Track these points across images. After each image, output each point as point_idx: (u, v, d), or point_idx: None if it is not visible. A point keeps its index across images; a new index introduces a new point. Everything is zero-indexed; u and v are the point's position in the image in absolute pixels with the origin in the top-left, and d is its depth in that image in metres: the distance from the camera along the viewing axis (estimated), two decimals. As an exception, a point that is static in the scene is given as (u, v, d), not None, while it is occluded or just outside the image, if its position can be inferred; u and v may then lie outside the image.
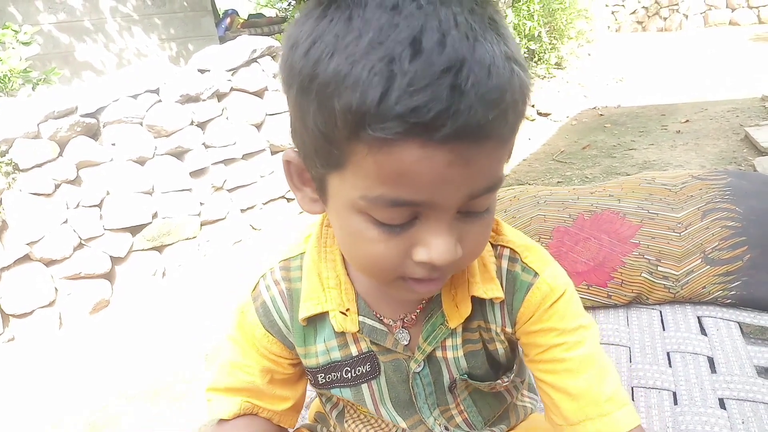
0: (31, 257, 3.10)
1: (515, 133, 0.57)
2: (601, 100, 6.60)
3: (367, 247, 0.60)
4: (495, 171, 0.57)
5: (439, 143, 0.50)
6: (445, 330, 0.76)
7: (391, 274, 0.62)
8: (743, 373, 1.17)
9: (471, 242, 0.61)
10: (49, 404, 2.53)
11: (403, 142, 0.50)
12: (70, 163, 3.26)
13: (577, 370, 0.73)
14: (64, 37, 5.57)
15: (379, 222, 0.57)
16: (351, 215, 0.59)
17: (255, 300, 0.80)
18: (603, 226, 1.47)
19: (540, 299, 0.74)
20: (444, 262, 0.58)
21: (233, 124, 3.99)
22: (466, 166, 0.52)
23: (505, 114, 0.52)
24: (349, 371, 0.78)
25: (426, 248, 0.58)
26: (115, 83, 3.60)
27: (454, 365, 0.78)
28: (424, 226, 0.57)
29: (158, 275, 3.59)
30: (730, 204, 1.43)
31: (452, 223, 0.58)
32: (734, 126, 4.79)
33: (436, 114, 0.48)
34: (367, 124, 0.50)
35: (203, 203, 3.82)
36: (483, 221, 0.61)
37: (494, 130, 0.52)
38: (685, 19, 10.70)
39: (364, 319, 0.75)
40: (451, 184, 0.53)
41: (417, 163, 0.51)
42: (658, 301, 1.43)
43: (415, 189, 0.53)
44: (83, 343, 3.02)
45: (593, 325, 0.77)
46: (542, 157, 4.91)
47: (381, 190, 0.54)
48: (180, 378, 2.57)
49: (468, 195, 0.56)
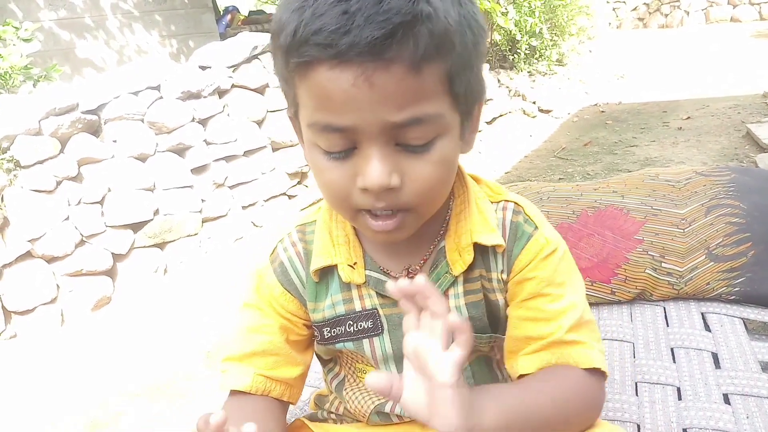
0: (32, 254, 3.10)
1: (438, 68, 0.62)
2: (603, 97, 6.60)
3: (323, 177, 0.69)
4: (414, 100, 0.62)
5: (342, 63, 0.59)
6: (449, 278, 0.80)
7: (347, 204, 0.69)
8: (747, 368, 1.17)
9: (417, 179, 0.66)
10: (50, 402, 2.53)
11: (316, 64, 0.60)
12: (72, 160, 3.26)
13: (553, 318, 0.78)
14: (65, 34, 5.57)
15: (325, 151, 0.67)
16: (310, 148, 0.69)
17: (273, 262, 0.85)
18: (607, 222, 1.47)
19: (537, 249, 0.79)
20: (374, 185, 0.64)
21: (234, 121, 3.98)
22: (371, 87, 0.59)
23: (399, 36, 0.58)
24: (351, 325, 0.83)
25: (362, 175, 0.65)
26: (116, 80, 3.60)
27: (456, 315, 0.79)
28: (360, 154, 0.65)
29: (159, 272, 3.59)
30: (734, 200, 1.43)
31: (386, 153, 0.64)
32: (736, 123, 4.79)
33: (329, 32, 0.58)
34: (291, 54, 0.62)
35: (204, 200, 3.82)
36: (427, 160, 0.66)
37: (390, 51, 0.58)
38: (686, 16, 10.69)
39: (370, 272, 0.81)
40: (361, 106, 0.61)
41: (328, 84, 0.60)
42: (662, 298, 1.43)
43: (335, 111, 0.62)
44: (85, 340, 3.02)
45: (580, 284, 0.82)
46: (543, 154, 4.91)
47: (316, 116, 0.64)
48: (181, 375, 2.57)
49: (386, 120, 0.62)
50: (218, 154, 3.89)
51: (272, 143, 4.20)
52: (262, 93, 4.16)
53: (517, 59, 6.52)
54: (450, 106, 0.66)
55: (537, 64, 6.76)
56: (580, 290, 0.82)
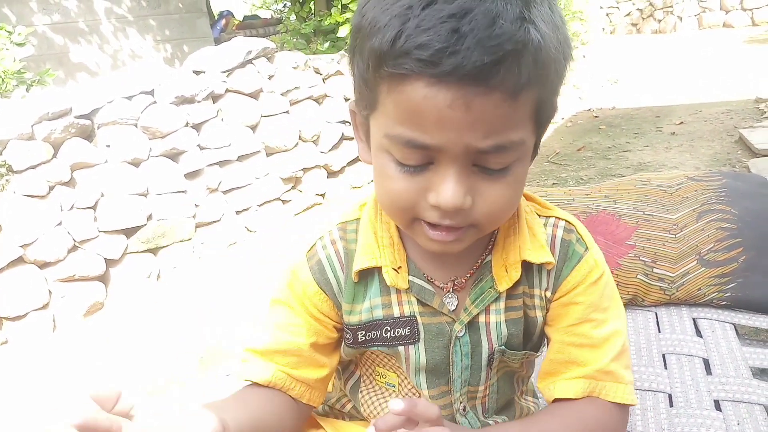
0: (24, 259, 3.08)
1: (532, 95, 0.61)
2: (596, 102, 6.62)
3: (389, 184, 0.67)
4: (504, 127, 0.61)
5: (441, 82, 0.57)
6: (493, 293, 0.79)
7: (407, 213, 0.68)
8: (738, 374, 1.17)
9: (488, 200, 0.66)
10: (42, 408, 2.51)
11: (412, 79, 0.58)
12: (65, 165, 3.24)
13: (599, 345, 0.79)
14: (59, 39, 5.56)
15: (399, 162, 0.65)
16: (379, 154, 0.68)
17: (310, 259, 0.83)
18: (599, 227, 1.47)
19: (587, 272, 0.79)
20: (449, 206, 0.63)
21: (228, 126, 3.98)
22: (467, 110, 0.58)
23: (506, 63, 0.56)
24: (389, 331, 0.81)
25: (435, 192, 0.64)
26: (109, 84, 3.58)
27: (495, 332, 0.81)
28: (437, 171, 0.64)
29: (153, 277, 3.58)
30: (726, 205, 1.43)
31: (463, 173, 0.63)
32: (728, 128, 4.81)
33: (435, 51, 0.55)
34: (385, 61, 0.59)
35: (198, 205, 3.81)
36: (502, 183, 0.65)
37: (495, 78, 0.56)
38: (679, 21, 10.75)
39: (413, 278, 0.80)
40: (453, 127, 0.59)
41: (423, 101, 0.58)
42: (653, 303, 1.43)
43: (423, 129, 0.60)
44: (77, 346, 3.00)
45: (621, 307, 0.83)
46: (537, 159, 4.90)
47: (398, 129, 0.62)
48: (174, 381, 2.55)
49: (472, 144, 0.60)
50: (212, 159, 3.88)
51: (266, 148, 4.19)
52: (256, 98, 4.16)
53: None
54: (532, 132, 0.66)
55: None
56: (623, 315, 0.83)
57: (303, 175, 4.41)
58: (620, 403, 0.79)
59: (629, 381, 0.80)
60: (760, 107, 5.17)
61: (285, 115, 4.28)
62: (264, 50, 4.25)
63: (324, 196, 4.59)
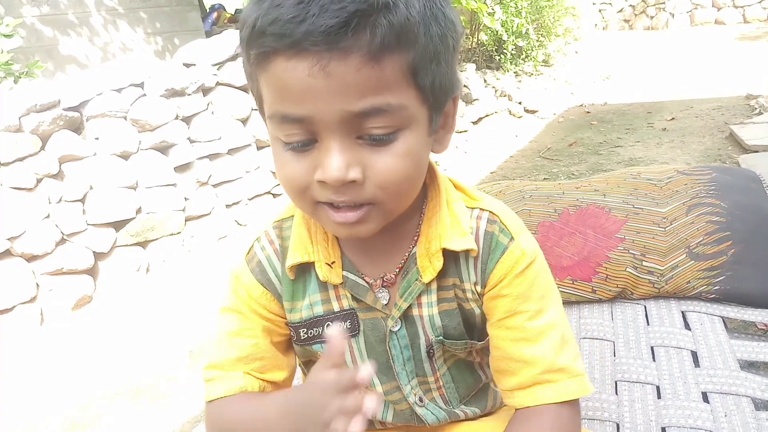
0: (12, 252, 3.05)
1: (400, 59, 0.61)
2: (588, 98, 6.63)
3: (282, 169, 0.68)
4: (373, 90, 0.61)
5: (298, 53, 0.59)
6: (419, 285, 0.78)
7: (306, 197, 0.68)
8: (726, 366, 1.17)
9: (378, 172, 0.65)
10: (29, 402, 2.49)
11: (273, 55, 0.60)
12: (53, 157, 3.21)
13: (535, 339, 0.77)
14: (48, 31, 5.50)
15: (285, 143, 0.66)
16: (273, 143, 0.69)
17: (250, 261, 0.83)
18: (588, 220, 1.47)
19: (513, 263, 0.77)
20: (333, 178, 0.63)
21: (219, 119, 3.95)
22: (327, 77, 0.59)
23: (354, 25, 0.57)
24: (330, 326, 0.81)
25: (321, 168, 0.64)
26: (98, 77, 3.55)
27: (429, 324, 0.80)
28: (321, 147, 0.64)
29: (142, 271, 3.55)
30: (715, 199, 1.43)
31: (345, 145, 0.63)
32: (719, 124, 4.83)
33: (284, 22, 0.58)
34: (250, 46, 0.62)
35: (188, 198, 3.78)
36: (390, 152, 0.65)
37: (345, 40, 0.58)
38: (671, 18, 10.77)
39: (347, 273, 0.79)
40: (318, 96, 0.60)
41: (285, 74, 0.60)
42: (642, 296, 1.43)
43: (292, 101, 0.62)
44: (65, 340, 2.97)
45: (557, 296, 0.81)
46: (529, 154, 4.92)
47: (273, 107, 0.64)
48: (163, 375, 2.54)
49: (344, 110, 0.61)
50: (202, 152, 3.85)
51: (257, 141, 4.17)
52: (246, 91, 4.12)
53: (504, 59, 6.54)
54: (415, 98, 0.65)
55: (523, 64, 6.78)
56: (558, 303, 0.81)
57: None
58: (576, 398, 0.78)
59: (581, 372, 0.78)
60: (750, 104, 5.19)
61: (276, 109, 4.25)
62: (247, 45, 4.22)
63: (315, 190, 4.57)
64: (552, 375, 0.76)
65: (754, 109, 4.99)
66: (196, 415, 2.22)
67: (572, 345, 0.80)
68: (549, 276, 0.81)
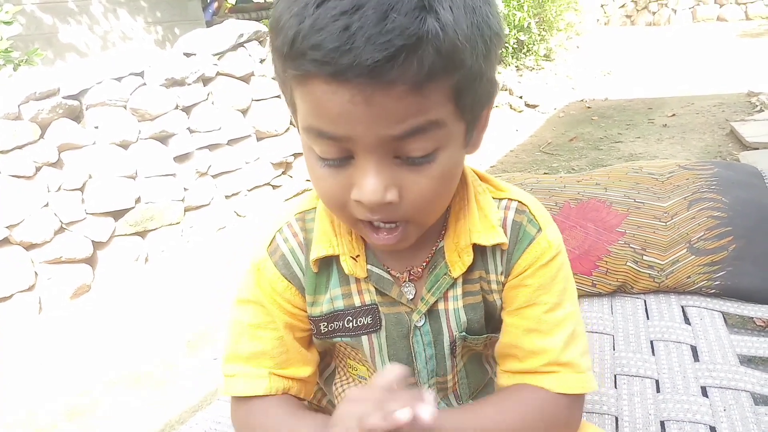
0: (10, 240, 3.04)
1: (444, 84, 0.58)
2: (589, 93, 6.61)
3: (319, 184, 0.66)
4: (413, 114, 0.58)
5: (339, 80, 0.55)
6: (448, 280, 0.78)
7: (346, 213, 0.67)
8: (726, 361, 1.17)
9: (415, 192, 0.63)
10: (28, 389, 2.49)
11: (313, 77, 0.57)
12: (52, 146, 3.20)
13: (549, 331, 0.77)
14: (48, 18, 5.47)
15: (321, 158, 0.64)
16: (307, 153, 0.67)
17: (273, 254, 0.80)
18: (589, 214, 1.47)
19: (539, 254, 0.76)
20: (369, 201, 0.61)
21: (219, 109, 3.94)
22: (368, 105, 0.56)
23: (401, 59, 0.53)
24: (351, 321, 0.80)
25: (357, 187, 0.62)
26: (98, 65, 3.53)
27: (454, 318, 0.79)
28: (357, 165, 0.62)
29: (141, 261, 3.55)
30: (716, 194, 1.43)
31: (382, 166, 0.61)
32: (720, 121, 4.82)
33: (328, 51, 0.53)
34: (287, 62, 0.58)
35: (187, 189, 3.78)
36: (427, 173, 0.63)
37: (391, 73, 0.54)
38: (673, 14, 10.75)
39: (372, 267, 0.78)
40: (359, 121, 0.57)
41: (325, 97, 0.57)
42: (642, 290, 1.43)
43: (330, 121, 0.59)
44: (63, 328, 2.98)
45: (574, 290, 0.80)
46: (529, 149, 4.91)
47: (309, 120, 0.61)
48: (162, 364, 2.54)
49: (383, 135, 0.58)
50: (202, 143, 3.84)
51: (257, 132, 4.16)
52: (247, 81, 4.12)
53: (505, 53, 6.52)
54: (454, 116, 0.62)
55: (524, 58, 6.76)
56: (575, 297, 0.80)
57: (293, 161, 4.38)
58: (578, 393, 0.77)
59: (587, 368, 0.78)
60: (751, 101, 5.18)
61: (276, 100, 4.24)
62: (256, 33, 4.21)
63: (315, 182, 4.56)
64: (555, 367, 0.76)
65: (755, 107, 4.98)
66: (195, 404, 2.22)
67: (582, 340, 0.79)
68: (570, 270, 0.81)
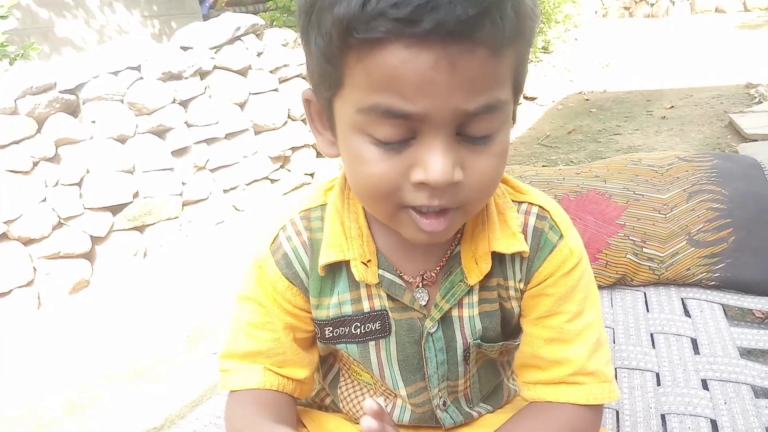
0: (8, 236, 3.03)
1: (513, 53, 0.57)
2: (587, 85, 6.60)
3: (367, 169, 0.60)
4: (490, 86, 0.56)
5: (423, 42, 0.51)
6: (463, 287, 0.75)
7: (391, 200, 0.61)
8: (726, 354, 1.17)
9: (476, 173, 0.60)
10: (27, 384, 2.49)
11: (387, 42, 0.52)
12: (49, 140, 3.19)
13: (572, 340, 0.75)
14: (44, 12, 5.44)
15: (378, 140, 0.58)
16: (352, 136, 0.60)
17: (275, 252, 0.77)
18: (588, 207, 1.46)
19: (560, 262, 0.74)
20: (439, 181, 0.57)
21: (216, 103, 3.93)
22: (452, 71, 0.52)
23: (491, 15, 0.51)
24: (358, 327, 0.77)
25: (422, 167, 0.57)
26: (95, 59, 3.51)
27: (469, 326, 0.77)
28: (421, 145, 0.57)
29: (139, 255, 3.54)
30: (716, 186, 1.43)
31: (450, 144, 0.57)
32: (719, 112, 4.81)
33: (414, 8, 0.49)
34: (354, 28, 0.52)
35: (185, 183, 3.77)
36: (488, 152, 0.60)
37: (479, 31, 0.51)
38: (671, 6, 10.73)
39: (383, 272, 0.75)
40: (439, 91, 0.53)
41: (403, 65, 0.52)
42: (642, 283, 1.42)
43: (403, 95, 0.54)
44: (62, 323, 2.97)
45: (597, 297, 0.78)
46: (528, 141, 4.91)
47: (374, 99, 0.55)
48: (161, 359, 2.54)
49: (460, 108, 0.55)
50: (199, 137, 3.83)
51: (255, 126, 4.15)
52: (244, 75, 4.10)
53: (503, 46, 6.49)
54: (511, 94, 0.61)
55: (523, 51, 6.74)
56: (598, 305, 0.78)
57: (292, 154, 4.38)
58: (601, 402, 0.76)
59: (611, 377, 0.76)
60: (750, 92, 5.17)
61: (274, 93, 4.23)
62: (253, 27, 4.19)
63: (313, 175, 4.56)
64: (581, 378, 0.75)
65: (754, 98, 4.97)
66: (195, 398, 2.22)
67: (605, 349, 0.77)
68: (592, 277, 0.78)
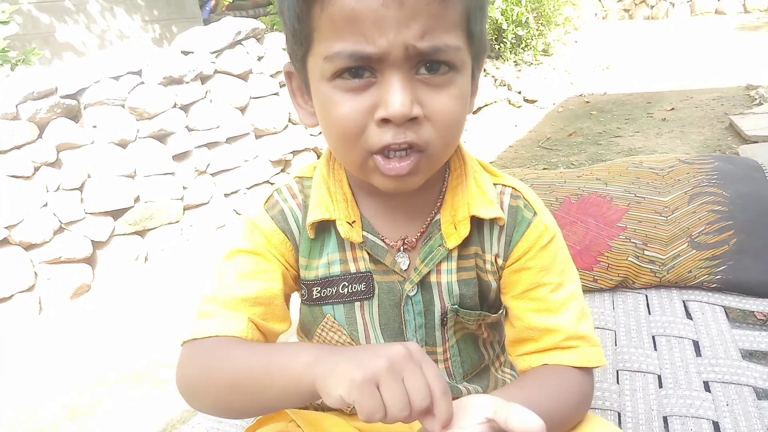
0: (10, 241, 3.04)
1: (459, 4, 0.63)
2: (588, 88, 6.60)
3: (336, 112, 0.66)
4: (438, 26, 0.62)
5: None
6: (442, 251, 0.79)
7: (360, 145, 0.67)
8: (728, 356, 1.17)
9: (435, 111, 0.66)
10: (28, 389, 2.49)
11: None
12: (50, 145, 3.19)
13: (558, 309, 0.79)
14: (45, 17, 5.46)
15: (344, 85, 0.65)
16: (322, 86, 0.67)
17: (271, 209, 0.81)
18: (590, 209, 1.46)
19: (536, 236, 0.79)
20: (397, 113, 0.62)
21: (217, 107, 3.93)
22: (400, 6, 0.60)
23: None
24: (345, 287, 0.81)
25: (383, 105, 0.64)
26: (96, 64, 3.52)
27: (447, 291, 0.80)
28: (382, 84, 0.64)
29: (140, 260, 3.55)
30: (717, 188, 1.43)
31: (407, 81, 0.63)
32: (719, 114, 4.81)
33: None
34: None
35: (186, 187, 3.77)
36: (447, 93, 0.66)
37: None
38: (671, 8, 10.72)
39: (367, 234, 0.79)
40: (390, 25, 0.60)
41: (358, 5, 0.60)
42: (644, 285, 1.42)
43: (362, 36, 0.61)
44: (63, 328, 2.97)
45: (575, 271, 0.83)
46: (528, 144, 4.91)
47: (338, 46, 0.63)
48: (162, 363, 2.54)
49: (410, 44, 0.61)
50: (200, 141, 3.83)
51: (255, 130, 4.15)
52: (245, 79, 4.11)
53: (503, 49, 6.50)
54: (466, 43, 0.67)
55: (523, 53, 6.74)
56: (576, 278, 0.83)
57: (293, 158, 4.38)
58: (595, 366, 0.79)
59: (599, 343, 0.81)
60: (750, 94, 5.17)
61: (274, 97, 4.24)
62: (253, 31, 4.20)
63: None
64: (574, 341, 0.78)
65: (754, 100, 4.97)
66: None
67: (590, 318, 0.82)
68: (567, 252, 0.83)
